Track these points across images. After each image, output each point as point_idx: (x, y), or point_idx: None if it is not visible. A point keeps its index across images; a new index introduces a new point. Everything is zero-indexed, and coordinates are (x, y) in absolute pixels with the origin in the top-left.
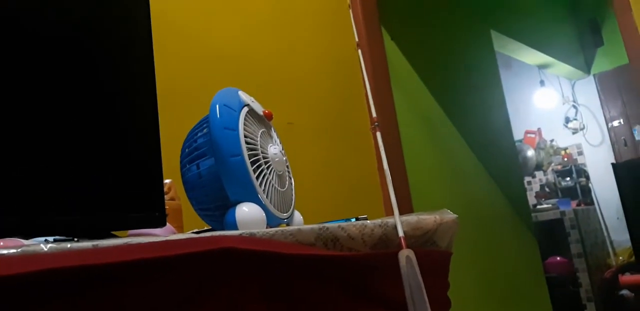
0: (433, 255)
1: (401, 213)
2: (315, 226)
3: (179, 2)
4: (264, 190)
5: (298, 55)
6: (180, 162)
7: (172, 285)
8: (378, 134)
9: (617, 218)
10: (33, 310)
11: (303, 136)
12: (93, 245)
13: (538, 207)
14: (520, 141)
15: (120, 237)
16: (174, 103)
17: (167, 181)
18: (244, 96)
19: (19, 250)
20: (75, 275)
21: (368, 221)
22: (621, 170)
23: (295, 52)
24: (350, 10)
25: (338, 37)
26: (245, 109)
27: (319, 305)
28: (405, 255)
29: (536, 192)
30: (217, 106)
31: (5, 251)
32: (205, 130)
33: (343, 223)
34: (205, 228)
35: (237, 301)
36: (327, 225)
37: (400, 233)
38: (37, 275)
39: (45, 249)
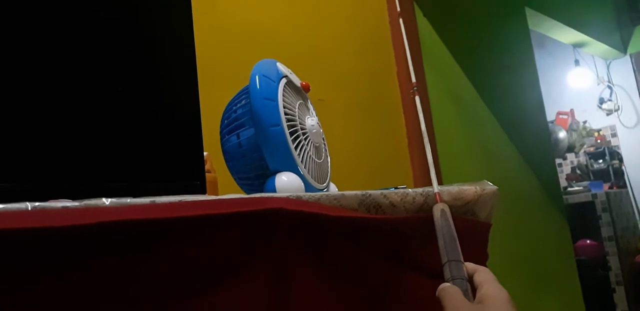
0: (472, 224)
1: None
2: (358, 192)
3: None
4: (302, 160)
5: (329, 30)
6: (220, 133)
7: (222, 242)
8: (417, 99)
9: None
10: (91, 259)
11: (334, 112)
12: (151, 201)
13: (569, 189)
14: (552, 122)
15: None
16: (211, 75)
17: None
18: (282, 67)
19: (82, 203)
20: (135, 228)
21: (410, 189)
22: None
23: (326, 27)
24: None
25: (368, 12)
26: (284, 80)
27: (360, 267)
28: (440, 208)
29: (567, 174)
30: (257, 77)
31: (68, 204)
32: (244, 101)
33: (385, 191)
34: None
35: (284, 260)
36: (369, 192)
37: (436, 189)
38: (97, 227)
39: (107, 203)
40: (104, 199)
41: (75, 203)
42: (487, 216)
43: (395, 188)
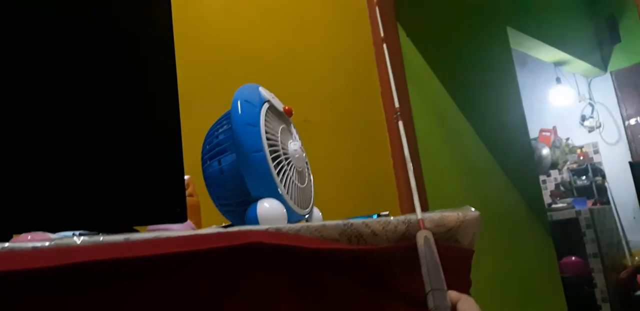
0: (455, 251)
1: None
2: (339, 222)
3: (199, 3)
4: (284, 186)
5: (313, 52)
6: (202, 158)
7: (201, 279)
8: (400, 124)
9: (634, 218)
10: (66, 302)
11: (318, 133)
12: (125, 239)
13: (553, 206)
14: (535, 139)
15: (146, 232)
16: (193, 100)
17: (185, 177)
18: (264, 92)
19: (52, 242)
20: (109, 268)
21: (391, 217)
22: (639, 169)
23: (310, 49)
24: (377, 7)
25: (352, 35)
26: (266, 105)
27: (342, 299)
28: (424, 235)
29: (551, 191)
30: (239, 102)
31: (38, 244)
32: (226, 126)
33: (367, 220)
34: (224, 224)
35: (264, 295)
36: (351, 221)
37: (419, 216)
38: (71, 268)
39: (78, 242)
40: (75, 238)
41: (46, 244)
42: (469, 242)
43: (378, 215)
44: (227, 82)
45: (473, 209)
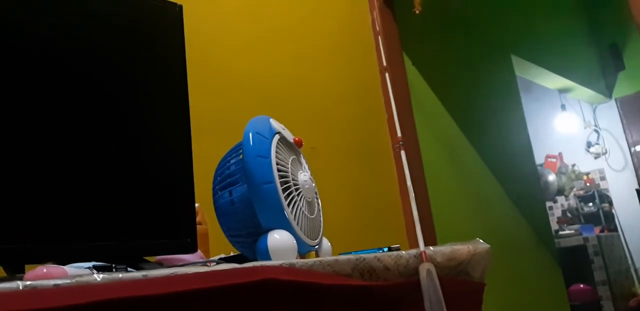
0: (465, 284)
1: (424, 235)
2: (352, 257)
3: (212, 36)
4: (294, 217)
5: (321, 82)
6: (213, 189)
7: None
8: (402, 153)
9: None
10: None
11: (326, 160)
12: (143, 276)
13: (560, 232)
14: (541, 165)
15: (160, 265)
16: (205, 130)
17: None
18: (275, 124)
19: (73, 280)
20: (128, 305)
21: (403, 252)
22: None
23: (319, 79)
24: (380, 37)
25: (359, 64)
26: (277, 137)
27: None
28: (426, 268)
29: (558, 218)
30: (250, 134)
31: (60, 282)
32: (237, 158)
33: (379, 254)
34: (232, 253)
35: None
36: (363, 255)
37: (422, 248)
38: (93, 306)
39: (98, 279)
40: (95, 275)
41: (67, 281)
42: (480, 275)
43: (389, 248)
44: (239, 112)
45: (482, 242)
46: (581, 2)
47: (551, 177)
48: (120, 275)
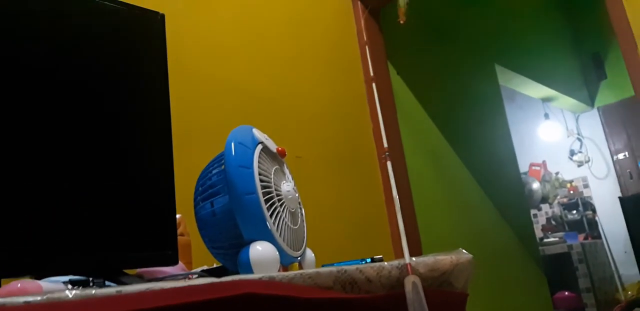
0: (447, 295)
1: (410, 245)
2: (333, 269)
3: (195, 43)
4: (277, 228)
5: (307, 91)
6: (194, 200)
7: None
8: (388, 164)
9: (625, 252)
10: None
11: (311, 169)
12: (117, 291)
13: (545, 240)
14: (525, 173)
15: (140, 278)
16: (187, 137)
17: (177, 216)
18: (258, 134)
19: (44, 297)
20: None
21: (385, 263)
22: (629, 204)
23: (304, 88)
24: (367, 47)
25: (345, 74)
26: (260, 147)
27: None
28: (412, 280)
29: (542, 225)
30: (233, 144)
31: (30, 299)
32: (219, 168)
33: (361, 266)
34: (215, 265)
35: None
36: (345, 267)
37: (407, 260)
38: None
39: (70, 296)
40: (67, 292)
41: (38, 298)
42: (463, 285)
43: (372, 259)
44: (222, 121)
45: (465, 252)
46: (564, 13)
47: (535, 185)
48: (94, 291)
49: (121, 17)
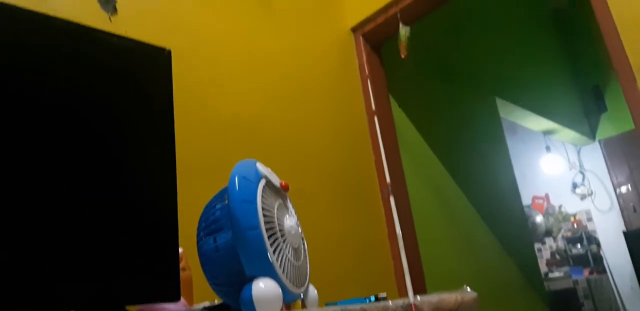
0: None
1: (413, 280)
2: (337, 308)
3: (200, 79)
4: (280, 265)
5: (308, 124)
6: (197, 235)
7: None
8: (392, 199)
9: (631, 288)
10: None
11: (313, 203)
12: None
13: (550, 275)
14: (528, 207)
15: None
16: (192, 172)
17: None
18: (261, 168)
19: None
20: None
21: (390, 302)
22: (634, 239)
23: (306, 121)
24: (369, 81)
25: (348, 107)
26: (263, 181)
27: None
28: None
29: (547, 260)
30: (236, 178)
31: None
32: (223, 203)
33: (365, 305)
34: (217, 301)
35: None
36: (349, 306)
37: (411, 299)
38: None
39: None
40: None
41: None
42: None
43: (376, 297)
44: (226, 155)
45: (470, 290)
46: (563, 46)
47: (539, 218)
48: None
49: (128, 53)
